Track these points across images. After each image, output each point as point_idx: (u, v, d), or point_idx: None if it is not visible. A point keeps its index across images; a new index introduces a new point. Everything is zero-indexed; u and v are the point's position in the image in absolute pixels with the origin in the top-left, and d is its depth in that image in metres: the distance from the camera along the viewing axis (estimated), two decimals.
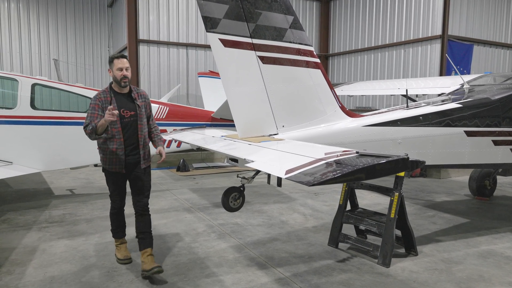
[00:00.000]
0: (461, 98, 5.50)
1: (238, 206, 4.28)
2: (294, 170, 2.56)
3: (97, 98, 4.09)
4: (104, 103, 4.03)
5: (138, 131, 4.19)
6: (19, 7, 14.65)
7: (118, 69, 4.07)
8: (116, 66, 4.07)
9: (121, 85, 4.11)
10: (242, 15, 3.93)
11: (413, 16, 13.04)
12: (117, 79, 4.09)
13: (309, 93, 4.34)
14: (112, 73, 4.12)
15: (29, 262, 4.51)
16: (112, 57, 4.18)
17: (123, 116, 4.09)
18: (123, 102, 4.14)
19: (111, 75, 4.14)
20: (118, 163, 4.15)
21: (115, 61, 4.11)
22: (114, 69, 4.09)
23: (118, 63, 4.08)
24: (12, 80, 6.47)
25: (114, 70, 4.08)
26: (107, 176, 4.32)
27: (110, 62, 4.17)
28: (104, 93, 4.14)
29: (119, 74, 4.08)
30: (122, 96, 4.17)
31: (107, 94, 4.12)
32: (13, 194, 7.86)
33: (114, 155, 4.11)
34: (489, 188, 7.88)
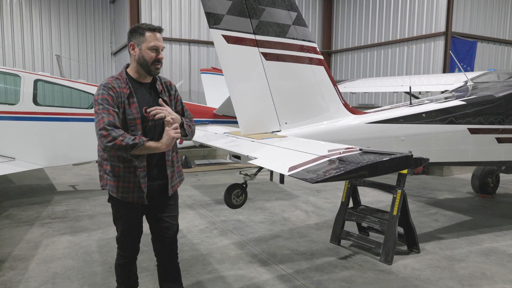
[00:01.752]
0: (464, 95, 5.47)
1: (240, 203, 4.28)
2: (297, 167, 2.54)
3: (109, 89, 2.66)
4: (120, 97, 2.68)
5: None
6: (21, 3, 14.64)
7: (152, 48, 2.71)
8: (149, 43, 2.70)
9: (150, 72, 2.78)
10: (245, 11, 3.91)
11: (417, 13, 12.97)
12: (147, 62, 2.73)
13: (312, 90, 4.32)
14: (138, 51, 2.73)
15: (32, 258, 4.53)
16: (142, 28, 2.72)
17: (145, 118, 2.73)
18: (145, 97, 2.79)
19: (135, 54, 2.74)
20: (137, 190, 2.78)
21: (148, 35, 2.70)
22: (144, 46, 2.71)
23: (153, 39, 2.71)
24: (14, 76, 6.48)
25: (144, 48, 2.71)
26: (116, 210, 2.93)
27: (137, 34, 2.73)
28: (117, 81, 2.73)
29: (152, 55, 2.72)
30: (143, 87, 2.82)
31: (123, 84, 2.73)
32: (15, 190, 7.88)
33: (131, 177, 2.76)
34: (492, 186, 7.86)
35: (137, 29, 2.75)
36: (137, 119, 2.70)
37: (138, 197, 2.81)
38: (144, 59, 2.74)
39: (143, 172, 2.77)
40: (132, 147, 2.53)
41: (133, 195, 2.81)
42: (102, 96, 2.65)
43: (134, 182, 2.78)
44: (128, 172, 2.76)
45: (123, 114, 2.67)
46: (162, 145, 2.67)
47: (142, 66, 2.76)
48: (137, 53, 2.75)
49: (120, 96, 2.68)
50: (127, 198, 2.82)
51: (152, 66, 2.75)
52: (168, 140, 2.67)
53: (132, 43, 2.75)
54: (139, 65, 2.77)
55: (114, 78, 2.78)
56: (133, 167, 2.74)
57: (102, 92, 2.67)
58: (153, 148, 2.64)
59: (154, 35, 2.73)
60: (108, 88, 2.68)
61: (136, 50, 2.75)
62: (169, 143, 2.68)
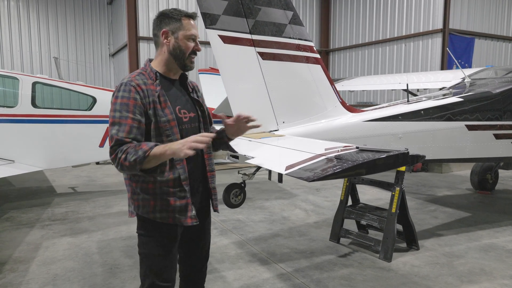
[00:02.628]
0: (462, 92, 5.48)
1: (239, 202, 4.30)
2: (294, 166, 2.56)
3: (133, 87, 2.13)
4: (147, 96, 2.15)
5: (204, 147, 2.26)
6: (19, 6, 14.64)
7: (190, 36, 2.26)
8: (188, 31, 2.25)
9: (186, 66, 2.31)
10: (241, 11, 3.92)
11: (414, 10, 12.98)
12: (184, 53, 2.26)
13: (309, 89, 4.34)
14: (173, 41, 2.25)
15: (32, 260, 4.54)
16: (177, 13, 2.26)
17: (180, 120, 2.27)
18: (177, 95, 2.33)
19: (168, 44, 2.25)
20: (181, 208, 2.24)
21: (186, 22, 2.25)
22: (181, 34, 2.24)
23: (191, 26, 2.27)
24: (12, 78, 6.48)
25: (182, 36, 2.24)
26: (150, 236, 2.28)
27: (172, 20, 2.24)
28: (142, 77, 2.20)
29: (190, 46, 2.26)
30: (172, 84, 2.34)
31: (150, 80, 2.22)
32: (15, 193, 7.89)
33: (172, 193, 2.21)
34: (490, 182, 7.88)
35: (170, 14, 2.25)
36: (172, 121, 2.18)
37: (184, 215, 2.25)
38: (181, 49, 2.25)
39: (187, 185, 2.24)
40: (140, 160, 1.99)
41: (177, 215, 2.24)
42: (121, 100, 2.10)
43: (176, 198, 2.22)
44: (166, 188, 2.20)
45: (155, 117, 2.15)
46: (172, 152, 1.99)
47: (176, 58, 2.27)
48: (171, 43, 2.24)
49: (148, 95, 2.15)
50: (167, 218, 2.22)
51: (188, 59, 2.29)
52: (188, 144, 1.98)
53: (166, 30, 2.24)
54: (173, 57, 2.27)
55: (137, 73, 2.24)
56: (171, 181, 2.20)
57: (122, 94, 2.11)
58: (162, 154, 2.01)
59: (192, 22, 2.28)
60: (130, 87, 2.13)
61: (171, 38, 2.24)
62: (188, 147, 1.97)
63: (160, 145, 2.04)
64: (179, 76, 2.39)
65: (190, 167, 2.28)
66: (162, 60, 2.30)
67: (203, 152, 2.39)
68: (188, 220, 2.26)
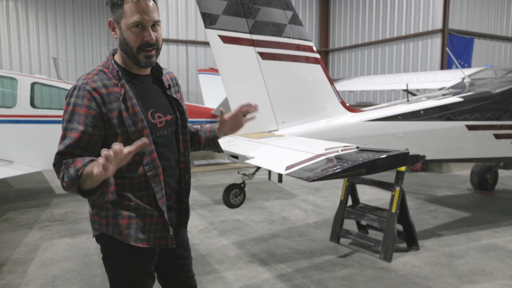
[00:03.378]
0: (462, 92, 5.48)
1: (239, 203, 4.28)
2: (294, 166, 2.54)
3: (88, 92, 1.77)
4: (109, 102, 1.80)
5: (180, 155, 2.09)
6: (17, 6, 14.62)
7: (132, 25, 1.79)
8: (130, 19, 1.79)
9: (139, 63, 1.86)
10: (241, 11, 3.91)
11: (414, 10, 12.99)
12: (131, 48, 1.83)
13: (309, 89, 4.33)
14: (119, 33, 1.85)
15: (31, 261, 4.52)
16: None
17: (154, 126, 1.91)
18: (149, 96, 1.94)
19: (115, 37, 1.89)
20: (159, 229, 1.94)
21: (129, 6, 1.78)
22: (123, 24, 1.81)
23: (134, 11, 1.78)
24: (11, 79, 6.47)
25: (124, 26, 1.81)
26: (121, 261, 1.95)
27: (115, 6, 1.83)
28: (101, 77, 1.83)
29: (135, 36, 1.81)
30: (142, 82, 1.94)
31: (114, 80, 1.84)
32: (14, 193, 7.87)
33: (147, 211, 1.91)
34: (490, 182, 7.87)
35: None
36: (143, 130, 1.81)
37: (159, 237, 1.93)
38: (126, 43, 1.81)
39: (162, 203, 1.92)
40: (73, 180, 1.66)
41: (153, 236, 1.92)
42: (72, 108, 1.76)
43: (153, 217, 1.90)
44: (141, 206, 1.89)
45: (121, 127, 1.79)
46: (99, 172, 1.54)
47: (126, 53, 1.85)
48: (118, 35, 1.85)
49: (109, 100, 1.78)
50: (143, 241, 1.89)
51: (140, 54, 1.82)
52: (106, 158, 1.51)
53: (111, 20, 1.86)
54: (124, 53, 1.87)
55: (97, 71, 1.85)
56: (145, 199, 1.89)
57: (74, 101, 1.77)
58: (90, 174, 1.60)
59: (137, 4, 1.76)
60: (84, 93, 1.76)
61: (117, 30, 1.85)
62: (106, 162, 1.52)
63: (92, 164, 1.63)
64: (150, 71, 1.99)
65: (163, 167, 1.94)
66: (120, 55, 1.91)
67: (178, 139, 2.05)
68: (171, 243, 1.97)
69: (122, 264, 1.95)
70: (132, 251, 1.91)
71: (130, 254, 1.92)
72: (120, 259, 1.94)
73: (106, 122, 1.79)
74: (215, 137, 2.29)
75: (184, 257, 2.22)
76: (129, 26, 1.80)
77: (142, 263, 1.97)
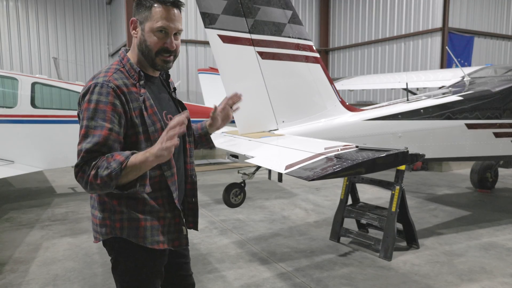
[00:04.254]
0: (461, 90, 5.48)
1: (239, 202, 4.30)
2: (294, 165, 2.56)
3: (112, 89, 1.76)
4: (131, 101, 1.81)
5: (187, 156, 2.10)
6: (17, 6, 14.64)
7: (157, 29, 1.84)
8: (156, 23, 1.83)
9: (155, 66, 1.91)
10: (241, 11, 3.92)
11: (413, 9, 12.98)
12: (150, 51, 1.87)
13: (309, 88, 4.33)
14: (140, 33, 1.88)
15: (32, 260, 4.54)
16: None
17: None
18: (161, 97, 1.99)
19: (135, 36, 1.90)
20: (172, 230, 1.97)
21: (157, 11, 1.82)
22: (147, 26, 1.85)
23: (162, 16, 1.83)
24: (12, 79, 6.48)
25: (148, 28, 1.85)
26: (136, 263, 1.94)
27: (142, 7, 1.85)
28: (121, 76, 1.83)
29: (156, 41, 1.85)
30: (154, 84, 1.99)
31: (132, 80, 1.86)
32: (15, 193, 7.89)
33: (161, 213, 1.92)
34: (490, 181, 7.88)
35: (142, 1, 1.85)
36: (160, 130, 1.81)
37: (175, 239, 1.96)
38: (146, 45, 1.85)
39: (176, 203, 1.94)
40: (116, 175, 1.62)
41: (169, 237, 1.94)
42: (96, 105, 1.72)
43: (167, 219, 1.92)
44: (155, 207, 1.89)
45: (142, 126, 1.82)
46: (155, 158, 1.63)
47: (144, 55, 1.88)
48: (138, 35, 1.87)
49: (131, 99, 1.79)
50: (158, 243, 1.89)
51: (157, 58, 1.86)
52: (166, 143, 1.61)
53: (134, 19, 1.88)
54: (141, 53, 1.89)
55: (114, 70, 1.84)
56: (160, 200, 1.90)
57: (97, 98, 1.73)
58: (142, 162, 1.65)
59: (166, 10, 1.82)
60: (109, 90, 1.74)
61: (138, 30, 1.87)
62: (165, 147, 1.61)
63: (137, 153, 1.68)
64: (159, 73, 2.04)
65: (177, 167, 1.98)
66: (135, 54, 1.92)
67: (184, 140, 2.08)
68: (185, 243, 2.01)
69: (137, 266, 1.94)
70: (148, 253, 1.91)
71: (146, 256, 1.92)
72: (135, 261, 1.93)
73: (128, 120, 1.80)
74: (207, 133, 2.31)
75: (183, 255, 2.24)
76: (153, 30, 1.84)
77: (157, 264, 1.98)
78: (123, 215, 1.87)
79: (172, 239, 1.96)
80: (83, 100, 1.79)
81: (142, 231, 1.87)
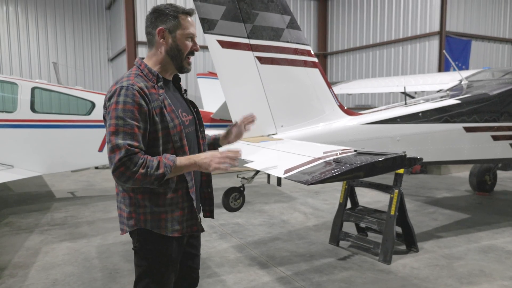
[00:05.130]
0: (459, 94, 5.51)
1: (238, 206, 4.30)
2: (293, 169, 2.57)
3: (137, 91, 1.96)
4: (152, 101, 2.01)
5: (201, 150, 2.30)
6: (17, 11, 14.68)
7: (187, 35, 2.12)
8: (186, 30, 2.11)
9: (183, 68, 2.17)
10: (239, 16, 3.95)
11: (411, 13, 13.05)
12: (181, 54, 2.13)
13: (307, 92, 4.36)
14: (171, 40, 2.10)
15: (31, 265, 4.54)
16: (173, 9, 2.10)
17: (184, 124, 2.15)
18: (175, 97, 2.22)
19: (164, 43, 2.11)
20: (189, 217, 2.18)
21: (184, 20, 2.11)
22: (179, 33, 2.10)
23: (190, 25, 2.13)
24: (12, 84, 6.50)
25: (180, 35, 2.10)
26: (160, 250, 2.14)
27: (168, 17, 2.08)
28: (141, 80, 2.04)
29: (188, 46, 2.13)
30: (169, 85, 2.22)
31: (151, 83, 2.07)
32: (14, 198, 7.89)
33: (180, 204, 2.13)
34: (489, 183, 7.90)
35: (167, 10, 2.07)
36: (178, 126, 2.06)
37: (192, 225, 2.18)
38: (178, 49, 2.10)
39: (193, 192, 2.16)
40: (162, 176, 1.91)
41: (186, 224, 2.16)
42: (124, 106, 1.92)
43: (185, 207, 2.14)
44: (176, 198, 2.11)
45: (162, 123, 2.02)
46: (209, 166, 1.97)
47: (173, 59, 2.12)
48: (168, 42, 2.09)
49: (152, 100, 2.00)
50: (177, 230, 2.12)
51: (185, 60, 2.15)
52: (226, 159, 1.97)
53: (162, 29, 2.07)
54: (170, 58, 2.12)
55: (134, 75, 2.05)
56: (180, 190, 2.11)
57: (124, 99, 1.93)
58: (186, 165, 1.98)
59: (191, 20, 2.13)
60: (134, 92, 1.94)
61: (168, 38, 2.09)
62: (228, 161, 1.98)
63: (181, 158, 1.99)
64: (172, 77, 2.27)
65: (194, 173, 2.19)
66: (158, 60, 2.14)
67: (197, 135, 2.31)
68: (200, 228, 2.23)
69: (160, 253, 2.14)
70: (169, 240, 2.13)
71: (167, 243, 2.14)
72: (158, 248, 2.13)
73: (150, 119, 1.99)
74: (216, 144, 2.55)
75: (195, 247, 2.41)
76: (185, 36, 2.11)
77: (176, 251, 2.19)
78: (146, 209, 2.08)
79: (189, 225, 2.17)
80: (109, 102, 1.99)
81: (164, 223, 2.09)
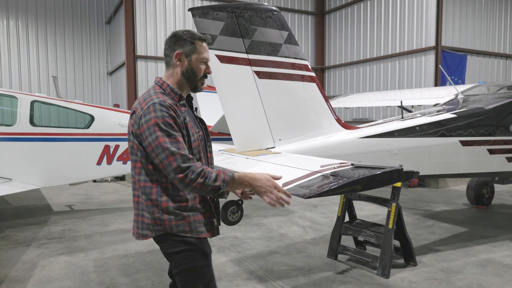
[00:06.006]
0: (455, 108, 5.57)
1: (236, 220, 4.28)
2: (291, 183, 2.59)
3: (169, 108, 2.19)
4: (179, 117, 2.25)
5: (208, 163, 2.53)
6: (18, 25, 14.82)
7: (202, 60, 2.35)
8: (201, 54, 2.33)
9: (196, 88, 2.40)
10: (238, 32, 4.02)
11: (407, 28, 13.24)
12: (196, 76, 2.35)
13: (305, 107, 4.41)
14: (186, 63, 2.33)
15: (28, 279, 4.50)
16: (190, 35, 2.32)
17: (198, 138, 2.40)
18: (190, 115, 2.45)
19: (181, 66, 2.33)
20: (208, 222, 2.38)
21: (200, 45, 2.33)
22: (194, 57, 2.32)
23: (204, 50, 2.35)
24: (11, 97, 6.53)
25: (195, 59, 2.32)
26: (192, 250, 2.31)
27: (186, 42, 2.31)
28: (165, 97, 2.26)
29: (202, 69, 2.36)
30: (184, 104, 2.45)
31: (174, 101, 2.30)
32: (12, 211, 7.85)
33: (198, 210, 2.32)
34: (487, 197, 7.91)
35: (184, 36, 2.31)
36: (197, 140, 2.34)
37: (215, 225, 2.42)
38: (193, 72, 2.34)
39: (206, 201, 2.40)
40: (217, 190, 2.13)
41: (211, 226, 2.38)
42: (163, 119, 2.14)
43: (206, 209, 2.37)
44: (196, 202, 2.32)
45: (188, 136, 2.28)
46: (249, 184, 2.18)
47: (188, 80, 2.36)
48: (184, 65, 2.33)
49: (178, 115, 2.24)
50: (201, 232, 2.32)
51: (199, 82, 2.38)
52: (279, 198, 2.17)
53: (179, 52, 2.31)
54: (185, 79, 2.35)
55: (160, 93, 2.28)
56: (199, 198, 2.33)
57: (161, 114, 2.14)
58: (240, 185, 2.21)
59: (205, 45, 2.37)
60: (168, 108, 2.18)
61: (184, 61, 2.32)
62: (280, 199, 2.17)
63: (238, 173, 2.17)
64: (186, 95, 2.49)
65: None
66: (175, 80, 2.36)
67: (206, 149, 2.51)
68: (216, 231, 2.41)
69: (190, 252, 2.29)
70: (195, 240, 2.29)
71: (195, 243, 2.29)
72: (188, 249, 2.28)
73: (181, 131, 2.23)
74: None
75: None
76: (200, 60, 2.34)
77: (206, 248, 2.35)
78: (170, 216, 2.25)
79: (208, 229, 2.35)
80: (145, 118, 2.17)
81: (188, 225, 2.27)
